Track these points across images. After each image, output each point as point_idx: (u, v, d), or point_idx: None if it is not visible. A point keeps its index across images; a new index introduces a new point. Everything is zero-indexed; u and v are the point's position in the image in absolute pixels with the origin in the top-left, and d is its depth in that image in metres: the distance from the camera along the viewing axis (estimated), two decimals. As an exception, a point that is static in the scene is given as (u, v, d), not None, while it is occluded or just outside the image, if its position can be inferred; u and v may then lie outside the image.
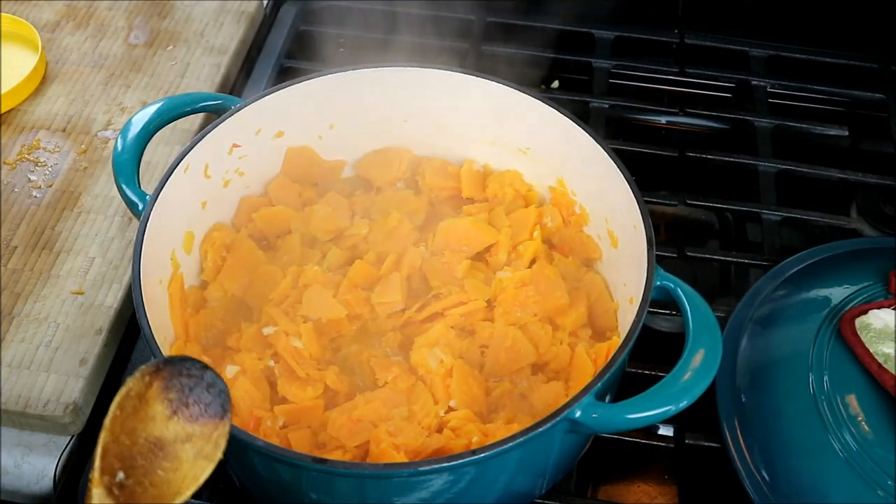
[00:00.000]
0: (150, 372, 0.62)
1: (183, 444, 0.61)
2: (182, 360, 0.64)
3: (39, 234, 0.98)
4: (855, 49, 1.20)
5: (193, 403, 0.62)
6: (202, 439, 0.61)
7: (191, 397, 0.62)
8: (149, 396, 0.62)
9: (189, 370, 0.63)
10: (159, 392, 0.62)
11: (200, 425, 0.62)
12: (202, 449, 0.61)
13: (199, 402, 0.62)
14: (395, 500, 0.69)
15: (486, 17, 1.25)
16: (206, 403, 0.62)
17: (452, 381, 0.79)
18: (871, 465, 0.74)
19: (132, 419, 0.60)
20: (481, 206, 0.94)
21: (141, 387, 0.62)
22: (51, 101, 1.12)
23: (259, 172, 0.94)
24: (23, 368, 0.88)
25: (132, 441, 0.60)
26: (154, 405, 0.61)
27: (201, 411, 0.62)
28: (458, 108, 0.94)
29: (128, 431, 0.60)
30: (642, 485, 0.90)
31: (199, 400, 0.62)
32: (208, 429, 0.62)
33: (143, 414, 0.61)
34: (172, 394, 0.62)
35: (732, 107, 1.20)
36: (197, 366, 0.64)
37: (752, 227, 1.09)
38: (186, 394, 0.62)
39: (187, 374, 0.63)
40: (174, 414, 0.62)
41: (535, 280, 0.85)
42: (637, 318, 0.72)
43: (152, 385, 0.62)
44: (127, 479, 0.58)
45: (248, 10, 1.23)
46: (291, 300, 0.85)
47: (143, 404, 0.61)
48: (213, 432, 0.62)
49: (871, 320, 0.81)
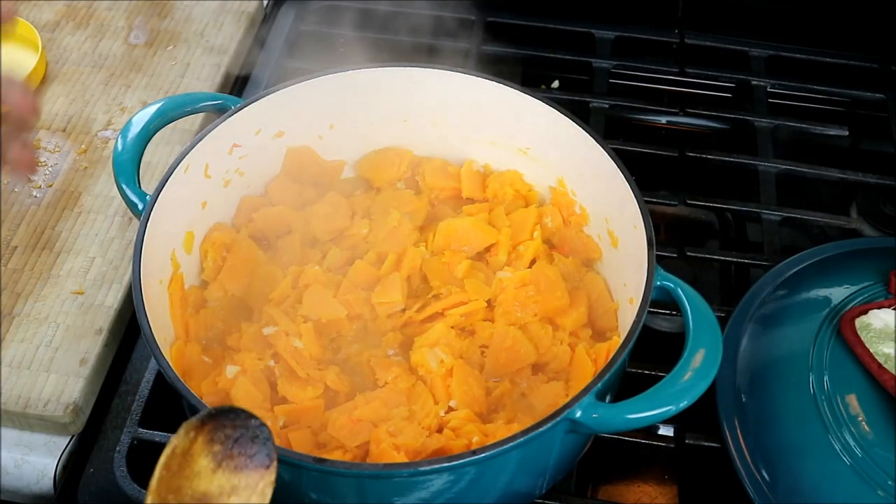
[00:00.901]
0: (195, 427, 0.60)
1: (229, 498, 0.59)
2: (227, 411, 0.61)
3: (39, 234, 0.98)
4: (855, 49, 1.20)
5: (238, 455, 0.60)
6: (248, 490, 0.59)
7: (235, 448, 0.60)
8: (193, 452, 0.59)
9: (234, 421, 0.61)
10: (203, 446, 0.60)
11: (246, 476, 0.60)
12: (248, 500, 0.59)
13: (244, 454, 0.60)
14: (395, 500, 0.69)
15: (486, 17, 1.25)
16: (252, 454, 0.60)
17: (452, 381, 0.79)
18: (871, 465, 0.74)
19: (178, 478, 0.58)
20: (481, 206, 0.94)
21: (186, 443, 0.59)
22: (51, 101, 1.12)
23: (259, 172, 0.94)
24: (23, 368, 0.88)
25: (178, 500, 0.58)
26: (199, 460, 0.59)
27: (246, 462, 0.60)
28: (458, 108, 0.94)
29: (174, 490, 0.58)
30: (642, 485, 0.90)
31: (243, 451, 0.60)
32: (254, 479, 0.60)
33: (188, 471, 0.59)
34: (217, 447, 0.60)
35: (732, 107, 1.20)
36: (241, 416, 0.61)
37: (752, 227, 1.09)
38: (230, 446, 0.60)
39: (231, 426, 0.61)
40: (219, 467, 0.60)
41: (536, 280, 0.85)
42: (637, 318, 0.72)
43: (197, 440, 0.60)
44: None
45: (248, 10, 1.23)
46: (291, 300, 0.85)
47: (187, 461, 0.59)
48: (258, 482, 0.60)
49: (871, 320, 0.81)
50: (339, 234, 0.92)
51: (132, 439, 0.84)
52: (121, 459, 0.83)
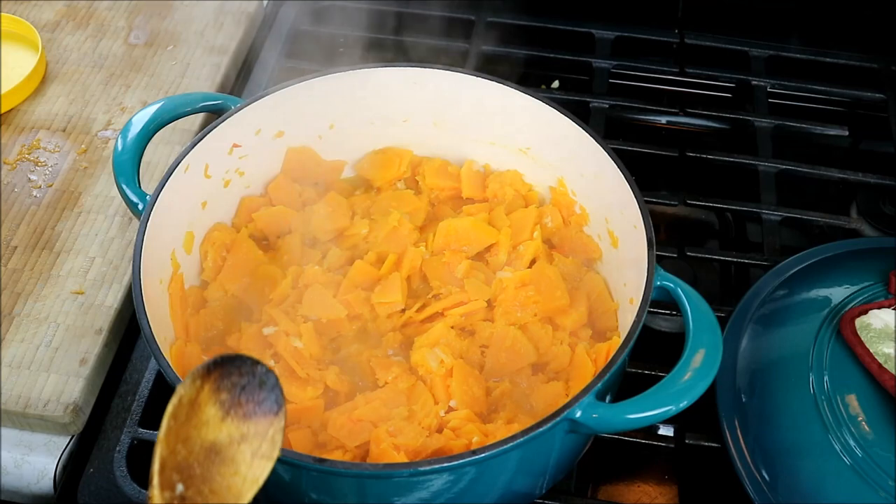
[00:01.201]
0: (201, 375, 0.59)
1: (239, 446, 0.58)
2: (232, 358, 0.61)
3: (39, 234, 0.98)
4: (855, 49, 1.20)
5: (246, 402, 0.59)
6: (258, 438, 0.59)
7: (243, 396, 0.59)
8: (200, 401, 0.59)
9: (240, 368, 0.60)
10: (210, 394, 0.59)
11: (255, 423, 0.59)
12: (259, 448, 0.58)
13: (252, 400, 0.59)
14: (395, 500, 0.69)
15: (486, 17, 1.25)
16: (259, 400, 0.60)
17: (452, 381, 0.79)
18: (871, 465, 0.74)
19: (186, 427, 0.58)
20: (481, 206, 0.94)
21: (192, 392, 0.59)
22: (51, 101, 1.12)
23: (259, 172, 0.94)
24: (23, 368, 0.88)
25: (188, 450, 0.57)
26: (206, 409, 0.59)
27: (255, 409, 0.59)
28: (458, 108, 0.94)
29: (183, 440, 0.57)
30: (642, 485, 0.90)
31: (251, 398, 0.60)
32: (263, 426, 0.59)
33: (196, 420, 0.58)
34: (224, 394, 0.59)
35: (732, 107, 1.20)
36: (247, 363, 0.61)
37: (752, 227, 1.09)
38: (238, 393, 0.59)
39: (238, 373, 0.60)
40: (227, 415, 0.59)
41: (536, 280, 0.85)
42: (637, 318, 0.72)
43: (203, 388, 0.59)
44: (186, 491, 0.55)
45: (248, 10, 1.23)
46: (291, 300, 0.85)
47: (195, 410, 0.58)
48: (268, 429, 0.59)
49: (871, 320, 0.81)
50: (339, 234, 0.92)
51: (132, 439, 0.85)
52: (121, 459, 0.83)
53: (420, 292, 0.88)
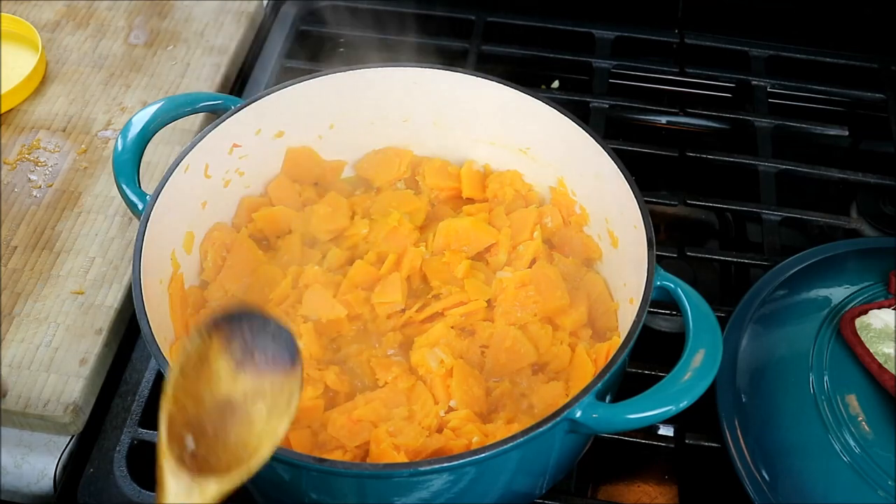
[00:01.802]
0: (209, 328, 0.57)
1: (254, 403, 0.56)
2: (241, 311, 0.58)
3: (39, 234, 0.98)
4: (855, 49, 1.20)
5: (259, 355, 0.57)
6: (273, 393, 0.57)
7: (256, 348, 0.57)
8: (210, 355, 0.56)
9: (250, 321, 0.58)
10: (221, 349, 0.57)
11: (270, 377, 0.57)
12: (275, 404, 0.56)
13: (265, 352, 0.57)
14: (395, 500, 0.69)
15: (486, 17, 1.25)
16: (273, 353, 0.57)
17: (452, 381, 0.79)
18: (871, 465, 0.74)
19: (196, 383, 0.55)
20: (481, 206, 0.94)
21: (200, 346, 0.56)
22: (51, 101, 1.12)
23: (259, 172, 0.94)
24: (23, 368, 0.88)
25: (199, 406, 0.55)
26: (217, 363, 0.56)
27: (268, 361, 0.57)
28: (458, 108, 0.94)
29: (192, 396, 0.55)
30: (642, 485, 0.90)
31: (264, 350, 0.57)
32: (278, 380, 0.57)
33: (206, 375, 0.56)
34: (235, 348, 0.57)
35: (732, 107, 1.20)
36: (258, 316, 0.59)
37: (752, 227, 1.09)
38: (250, 345, 0.57)
39: (248, 326, 0.58)
40: (239, 367, 0.57)
41: (536, 280, 0.85)
42: (637, 318, 0.72)
43: (212, 343, 0.57)
44: (198, 448, 0.54)
45: (248, 10, 1.23)
46: (291, 300, 0.85)
47: (204, 364, 0.56)
48: (284, 383, 0.57)
49: (871, 320, 0.81)
50: (339, 234, 0.92)
51: (132, 439, 0.85)
52: (121, 459, 0.83)
53: (420, 292, 0.88)
